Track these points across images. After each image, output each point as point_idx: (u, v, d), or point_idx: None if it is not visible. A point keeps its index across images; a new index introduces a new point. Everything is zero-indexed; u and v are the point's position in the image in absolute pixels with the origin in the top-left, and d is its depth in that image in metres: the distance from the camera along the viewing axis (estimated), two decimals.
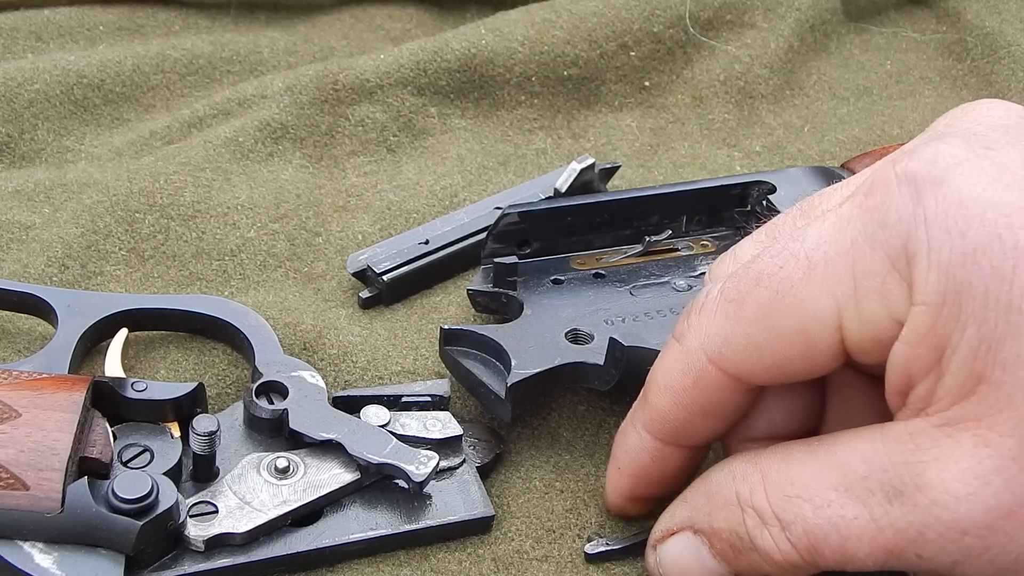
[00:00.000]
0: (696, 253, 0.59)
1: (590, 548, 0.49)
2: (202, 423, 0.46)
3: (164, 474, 0.46)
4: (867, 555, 0.39)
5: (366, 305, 0.58)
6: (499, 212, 0.57)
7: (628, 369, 0.49)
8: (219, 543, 0.46)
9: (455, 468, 0.50)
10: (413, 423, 0.50)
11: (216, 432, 0.47)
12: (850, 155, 0.69)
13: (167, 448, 0.47)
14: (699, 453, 0.46)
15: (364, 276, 0.59)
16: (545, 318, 0.53)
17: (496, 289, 0.55)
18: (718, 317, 0.42)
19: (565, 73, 0.71)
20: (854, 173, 0.60)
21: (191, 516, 0.46)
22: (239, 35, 0.74)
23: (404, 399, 0.51)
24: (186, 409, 0.49)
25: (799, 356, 0.41)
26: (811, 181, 0.60)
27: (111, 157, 0.66)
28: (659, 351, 0.48)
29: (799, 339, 0.40)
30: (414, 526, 0.48)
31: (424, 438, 0.50)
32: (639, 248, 0.58)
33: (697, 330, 0.43)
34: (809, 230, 0.40)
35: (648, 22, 0.73)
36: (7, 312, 0.55)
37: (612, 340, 0.49)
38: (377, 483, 0.49)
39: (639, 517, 0.49)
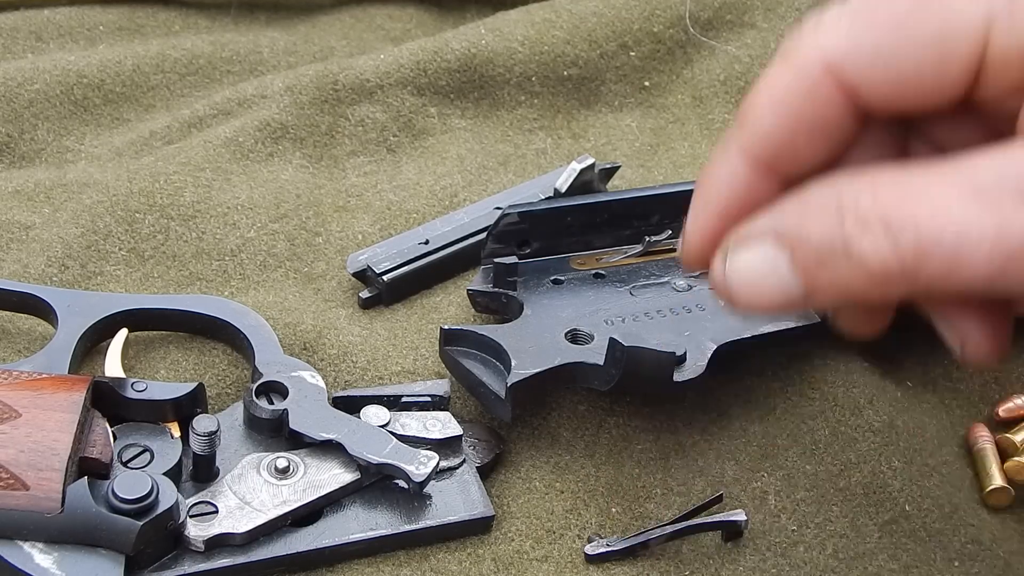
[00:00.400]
0: None
1: (590, 549, 0.49)
2: (202, 423, 0.46)
3: (164, 474, 0.46)
4: (984, 262, 0.35)
5: (366, 305, 0.58)
6: (499, 212, 0.57)
7: (628, 369, 0.49)
8: (219, 543, 0.46)
9: (455, 468, 0.50)
10: (413, 423, 0.50)
11: (216, 432, 0.47)
12: None
13: (167, 448, 0.47)
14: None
15: (364, 276, 0.59)
16: (545, 318, 0.53)
17: (496, 289, 0.55)
18: (843, 24, 0.39)
19: (565, 73, 0.71)
20: None
21: (191, 516, 0.46)
22: (239, 35, 0.74)
23: (404, 399, 0.51)
24: (186, 409, 0.49)
25: (931, 70, 0.39)
26: None
27: (111, 157, 0.65)
28: (659, 351, 0.48)
29: (936, 49, 0.38)
30: (414, 526, 0.48)
31: (424, 438, 0.50)
32: (639, 248, 0.58)
33: (814, 40, 0.40)
34: None
35: (648, 22, 0.73)
36: (7, 312, 0.55)
37: (612, 340, 0.49)
38: (377, 483, 0.49)
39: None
